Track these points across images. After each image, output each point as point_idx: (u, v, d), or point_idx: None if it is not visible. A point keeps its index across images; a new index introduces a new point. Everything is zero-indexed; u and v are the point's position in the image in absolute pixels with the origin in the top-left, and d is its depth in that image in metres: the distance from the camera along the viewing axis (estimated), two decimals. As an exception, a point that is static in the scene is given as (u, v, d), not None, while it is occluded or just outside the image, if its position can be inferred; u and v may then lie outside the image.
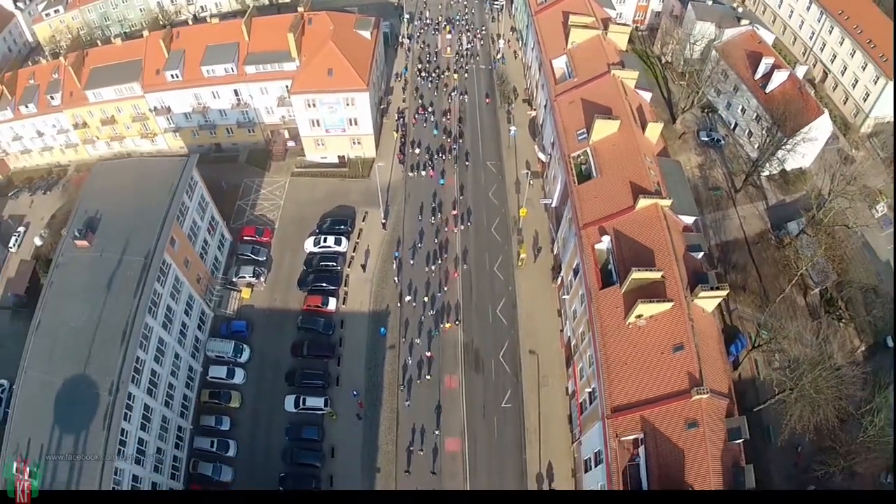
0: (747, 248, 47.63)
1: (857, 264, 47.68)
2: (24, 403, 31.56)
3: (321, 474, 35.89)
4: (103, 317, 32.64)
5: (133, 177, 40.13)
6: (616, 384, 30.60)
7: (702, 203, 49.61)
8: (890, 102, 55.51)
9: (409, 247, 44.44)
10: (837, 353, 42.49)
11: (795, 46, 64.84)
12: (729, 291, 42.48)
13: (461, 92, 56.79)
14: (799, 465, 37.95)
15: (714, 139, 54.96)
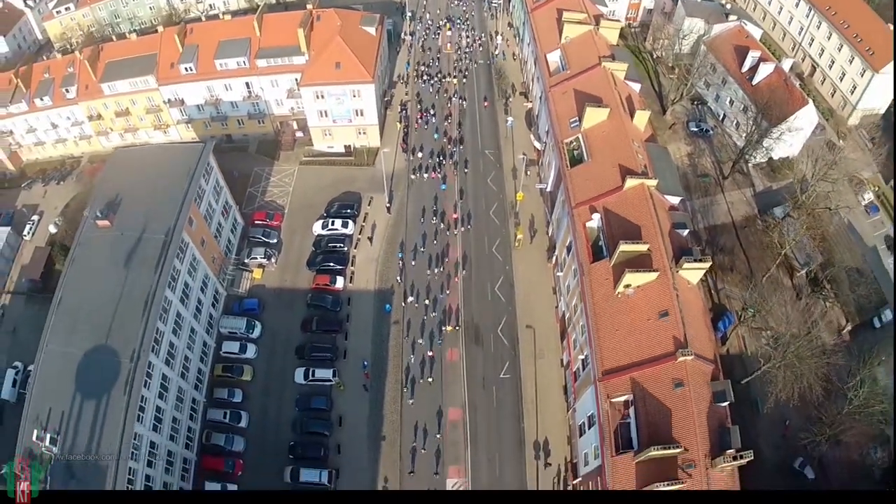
0: (735, 232, 49.49)
1: (843, 248, 49.40)
2: (45, 375, 32.90)
3: (329, 442, 37.57)
4: (125, 291, 34.32)
5: (151, 162, 42.18)
6: (607, 349, 32.40)
7: (691, 189, 51.78)
8: (877, 95, 56.77)
9: (411, 249, 45.08)
10: (824, 332, 44.66)
11: (785, 42, 66.37)
12: (716, 270, 45.75)
13: (460, 96, 57.48)
14: (787, 437, 39.32)
15: (703, 129, 56.77)
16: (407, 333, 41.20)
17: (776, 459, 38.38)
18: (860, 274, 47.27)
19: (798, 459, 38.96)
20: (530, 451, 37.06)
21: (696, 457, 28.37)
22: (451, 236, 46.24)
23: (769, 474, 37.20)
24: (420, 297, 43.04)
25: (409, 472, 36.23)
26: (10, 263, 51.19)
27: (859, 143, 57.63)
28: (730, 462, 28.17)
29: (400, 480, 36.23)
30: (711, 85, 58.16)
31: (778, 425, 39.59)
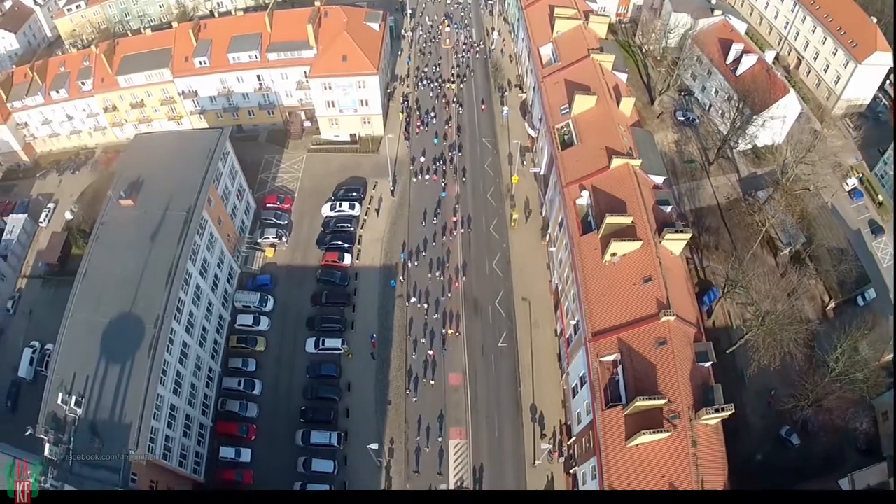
0: (720, 214, 51.50)
1: (826, 230, 51.01)
2: (70, 343, 34.57)
3: (338, 407, 39.59)
4: (148, 263, 36.51)
5: (170, 146, 44.53)
6: (596, 312, 34.62)
7: (678, 174, 53.97)
8: (860, 85, 58.56)
9: (413, 250, 46.21)
10: (808, 307, 46.54)
11: (772, 35, 68.61)
12: (702, 248, 48.03)
13: (459, 103, 58.51)
14: (772, 406, 41.14)
15: (689, 119, 58.96)
16: (409, 331, 41.47)
17: (763, 428, 40.34)
18: (842, 254, 48.96)
19: (784, 428, 40.66)
20: (527, 414, 39.13)
21: (680, 409, 30.37)
22: (451, 240, 46.98)
23: (756, 442, 39.13)
24: (422, 298, 43.58)
25: (416, 437, 37.87)
26: (26, 249, 53.00)
27: (843, 132, 59.44)
28: (712, 415, 29.95)
29: (405, 442, 38.15)
30: (698, 77, 60.37)
31: (764, 395, 41.49)
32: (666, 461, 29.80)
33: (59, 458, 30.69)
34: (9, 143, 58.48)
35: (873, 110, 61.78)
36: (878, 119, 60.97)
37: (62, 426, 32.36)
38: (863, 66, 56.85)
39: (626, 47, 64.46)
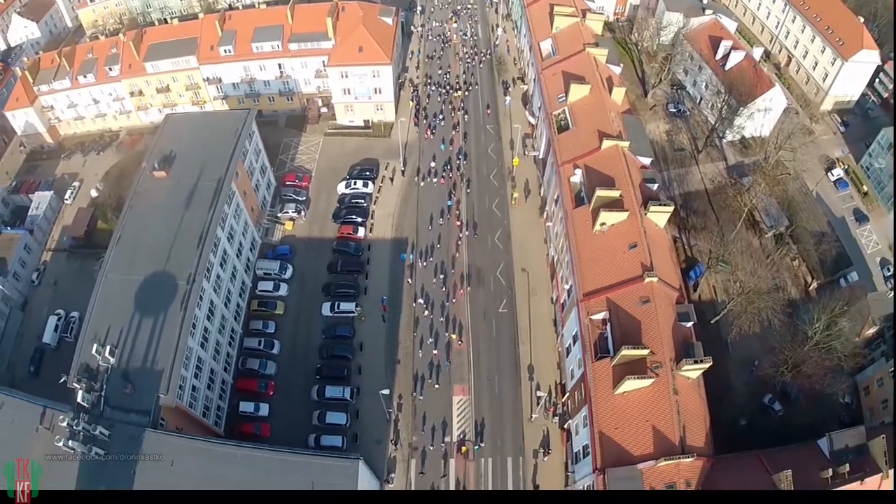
0: (707, 198, 54.39)
1: (809, 215, 53.69)
2: (104, 299, 37.06)
3: (351, 365, 42.50)
4: (181, 228, 39.33)
5: (200, 125, 47.90)
6: (586, 276, 37.77)
7: (668, 161, 57.10)
8: (848, 82, 61.05)
9: (417, 251, 48.02)
10: (791, 288, 49.44)
11: (764, 35, 71.19)
12: (689, 229, 50.81)
13: (465, 110, 60.18)
14: (755, 374, 43.60)
15: (680, 110, 62.15)
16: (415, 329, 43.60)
17: (746, 395, 42.69)
18: (822, 237, 51.50)
19: (767, 395, 43.20)
20: (525, 373, 42.16)
21: (661, 360, 33.36)
22: (457, 243, 48.71)
23: (740, 408, 41.55)
24: (428, 302, 45.34)
25: (420, 395, 41.16)
26: (51, 224, 55.43)
27: (831, 127, 62.52)
28: (692, 366, 32.84)
29: (412, 399, 41.16)
30: (689, 71, 63.55)
31: (747, 364, 44.02)
32: (650, 407, 32.77)
33: (90, 405, 32.91)
34: (34, 125, 61.18)
35: (862, 107, 64.36)
36: (867, 115, 63.58)
37: (95, 375, 34.72)
38: (849, 64, 59.46)
39: (623, 44, 67.52)
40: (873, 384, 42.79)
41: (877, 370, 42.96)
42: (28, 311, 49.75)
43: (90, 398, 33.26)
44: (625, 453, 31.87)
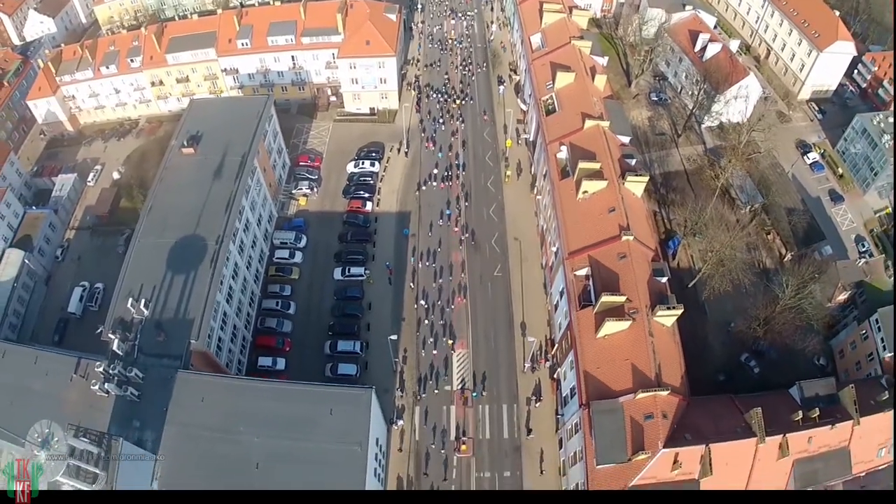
0: (686, 177, 58.71)
1: (784, 193, 57.51)
2: (137, 260, 40.85)
3: (361, 322, 46.55)
4: (209, 197, 43.35)
5: (224, 109, 52.40)
6: (571, 237, 42.00)
7: (650, 144, 61.42)
8: (823, 72, 65.10)
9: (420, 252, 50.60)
10: (767, 260, 53.02)
11: (745, 29, 75.45)
12: (668, 204, 54.79)
13: (462, 119, 62.83)
14: (732, 335, 47.14)
15: (662, 99, 66.60)
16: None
17: (724, 355, 46.28)
18: (792, 213, 55.21)
19: (744, 354, 46.55)
20: (518, 330, 46.24)
21: (638, 306, 37.42)
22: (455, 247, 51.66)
23: (718, 365, 45.21)
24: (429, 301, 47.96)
25: (423, 351, 44.93)
26: (74, 204, 58.82)
27: (808, 115, 66.49)
28: (666, 312, 36.80)
29: (416, 352, 45.07)
30: (670, 63, 68.00)
31: (724, 326, 47.67)
32: (628, 347, 36.67)
33: (125, 353, 36.17)
34: (55, 113, 64.28)
35: (841, 96, 68.39)
36: (846, 104, 67.43)
37: (129, 327, 37.99)
38: (825, 55, 63.43)
39: (609, 38, 72.10)
40: (847, 347, 46.48)
41: (850, 334, 46.63)
42: (52, 286, 53.15)
43: (125, 347, 36.37)
44: (607, 389, 35.63)
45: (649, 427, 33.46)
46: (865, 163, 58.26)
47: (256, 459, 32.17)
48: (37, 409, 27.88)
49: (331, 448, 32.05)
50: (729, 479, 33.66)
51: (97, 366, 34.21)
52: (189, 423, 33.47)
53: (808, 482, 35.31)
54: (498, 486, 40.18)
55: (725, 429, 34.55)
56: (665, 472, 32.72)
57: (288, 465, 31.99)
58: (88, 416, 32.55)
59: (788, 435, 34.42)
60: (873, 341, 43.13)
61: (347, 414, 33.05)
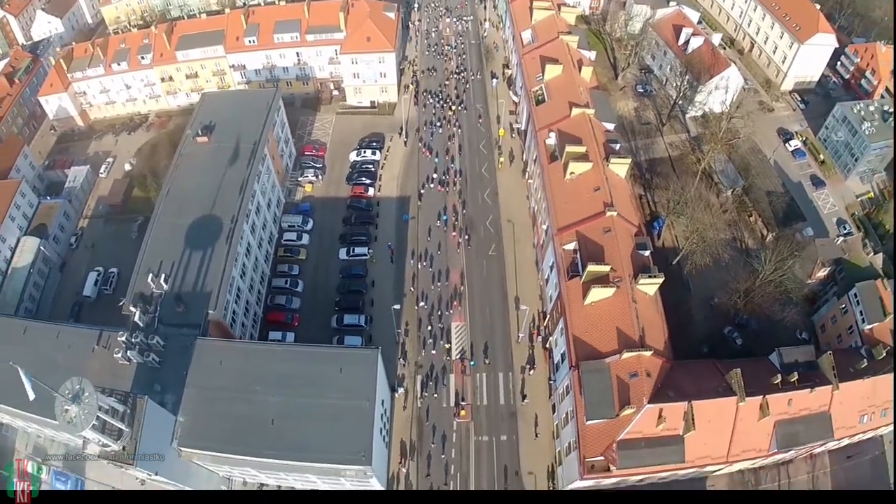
0: (670, 163, 61.70)
1: (765, 178, 60.31)
2: (156, 238, 43.63)
3: (365, 298, 49.35)
4: (224, 180, 46.20)
5: (234, 101, 55.43)
6: (560, 214, 45.01)
7: (635, 132, 64.42)
8: (805, 63, 67.90)
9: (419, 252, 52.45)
10: (749, 240, 55.86)
11: (729, 24, 78.52)
12: (653, 188, 57.72)
13: (458, 125, 64.45)
14: (715, 309, 49.94)
15: (647, 90, 69.65)
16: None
17: (708, 328, 48.79)
18: (777, 195, 58.07)
19: (727, 328, 49.27)
20: (512, 304, 49.01)
21: (622, 275, 40.33)
22: (454, 248, 53.51)
23: (703, 338, 47.81)
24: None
25: (427, 312, 47.96)
26: (87, 195, 61.27)
27: (791, 104, 69.51)
28: (648, 280, 39.82)
29: (418, 324, 47.89)
30: (656, 56, 71.02)
31: (707, 301, 50.53)
32: (614, 313, 39.59)
33: (145, 324, 38.83)
34: (66, 109, 67.05)
35: (824, 87, 71.27)
36: (829, 95, 70.01)
37: (149, 300, 40.72)
38: (806, 47, 66.13)
39: (597, 34, 75.09)
40: (828, 322, 49.09)
41: (830, 309, 49.22)
42: (66, 272, 55.54)
43: (145, 319, 38.96)
44: (595, 351, 38.40)
45: (634, 385, 36.13)
46: (846, 149, 61.18)
47: (272, 416, 34.46)
48: (61, 380, 29.06)
49: (341, 404, 34.48)
50: (712, 437, 36.15)
51: (119, 335, 36.52)
52: (208, 385, 35.70)
53: (790, 443, 37.41)
54: (495, 450, 42.82)
55: (707, 388, 36.95)
56: (651, 427, 35.17)
57: (301, 420, 34.42)
58: (111, 383, 34.53)
59: (768, 396, 36.70)
60: (853, 315, 45.63)
61: (356, 372, 35.60)
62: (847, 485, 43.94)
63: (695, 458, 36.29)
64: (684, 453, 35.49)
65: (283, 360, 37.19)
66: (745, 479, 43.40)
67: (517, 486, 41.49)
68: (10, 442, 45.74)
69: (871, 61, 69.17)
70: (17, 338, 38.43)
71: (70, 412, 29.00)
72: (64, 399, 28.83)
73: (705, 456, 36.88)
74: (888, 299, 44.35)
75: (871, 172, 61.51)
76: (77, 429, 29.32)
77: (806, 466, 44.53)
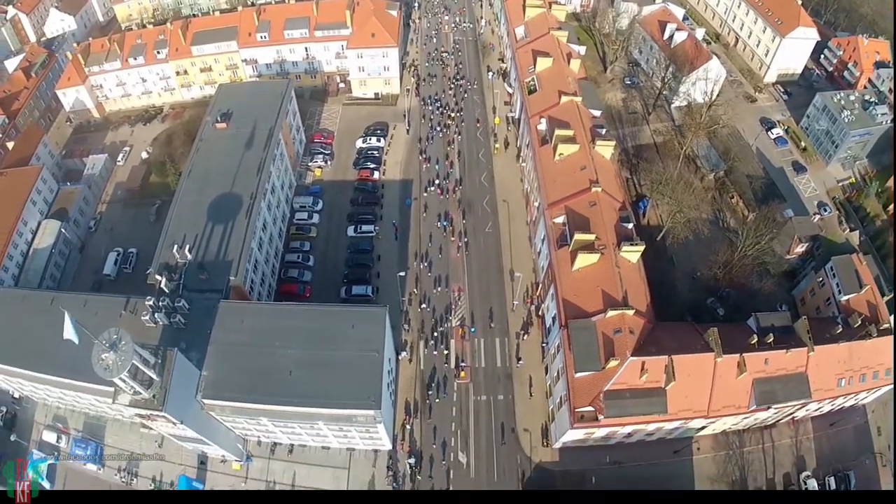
0: (655, 149, 65.78)
1: (747, 162, 64.42)
2: (180, 214, 47.11)
3: (371, 271, 53.32)
4: (242, 162, 50.03)
5: (250, 91, 59.66)
6: (549, 191, 49.11)
7: (623, 121, 68.69)
8: (787, 56, 72.06)
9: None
10: (731, 220, 59.41)
11: (715, 20, 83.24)
12: (639, 172, 61.61)
13: (458, 132, 67.27)
14: (697, 281, 53.43)
15: (634, 82, 74.09)
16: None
17: (691, 300, 52.13)
18: (751, 178, 62.22)
19: (709, 299, 52.65)
20: (507, 275, 53.09)
21: (606, 243, 44.34)
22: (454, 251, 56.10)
23: (686, 308, 51.07)
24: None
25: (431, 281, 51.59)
26: (105, 181, 64.93)
27: (774, 95, 73.81)
28: (630, 247, 43.82)
29: (419, 291, 51.86)
30: (643, 51, 75.33)
31: (690, 275, 54.10)
32: (599, 277, 43.53)
33: (171, 290, 41.85)
34: (83, 101, 70.85)
35: (808, 79, 75.39)
36: (812, 86, 73.64)
37: (174, 269, 43.87)
38: (787, 40, 70.42)
39: (588, 30, 79.45)
40: (807, 295, 52.26)
41: (809, 283, 52.47)
42: (85, 254, 58.79)
43: (170, 285, 41.97)
44: (582, 311, 42.21)
45: (618, 340, 39.71)
46: (827, 137, 65.02)
47: (289, 368, 37.63)
48: (90, 344, 30.49)
49: (353, 355, 37.89)
50: (692, 390, 39.20)
51: (147, 300, 39.62)
52: (230, 342, 38.71)
53: (768, 400, 40.11)
54: (493, 409, 46.48)
55: (686, 345, 40.16)
56: (634, 379, 38.46)
57: (316, 371, 37.56)
58: (139, 343, 36.58)
59: (745, 354, 39.58)
60: (830, 287, 48.76)
61: (366, 328, 39.12)
62: (831, 451, 46.59)
63: (677, 409, 39.30)
64: (666, 404, 38.65)
65: (299, 318, 40.55)
66: (730, 441, 46.16)
67: (513, 443, 45.00)
68: (30, 413, 49.05)
69: (853, 54, 73.39)
70: (45, 307, 40.97)
71: (107, 359, 31.57)
72: (102, 346, 31.50)
73: (687, 408, 39.81)
74: (864, 272, 47.51)
75: (852, 159, 65.54)
76: (113, 373, 31.80)
77: (789, 431, 47.33)
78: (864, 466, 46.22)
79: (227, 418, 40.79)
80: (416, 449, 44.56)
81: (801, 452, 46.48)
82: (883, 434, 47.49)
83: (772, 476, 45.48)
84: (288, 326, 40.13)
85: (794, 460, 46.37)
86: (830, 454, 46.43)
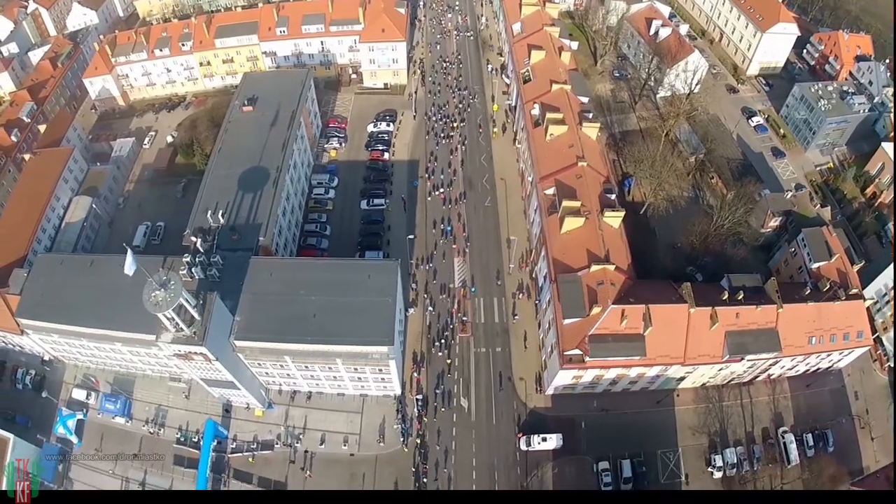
0: (641, 134, 72.24)
1: (727, 147, 70.36)
2: (211, 185, 52.79)
3: (382, 240, 59.67)
4: (268, 140, 56.34)
5: (272, 79, 66.47)
6: (541, 167, 55.43)
7: (611, 109, 75.23)
8: (768, 50, 78.10)
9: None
10: (710, 197, 65.34)
11: (701, 17, 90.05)
12: (624, 156, 67.68)
13: (463, 142, 71.32)
14: (677, 251, 58.92)
15: (623, 75, 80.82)
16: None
17: (673, 267, 56.47)
18: (733, 161, 68.36)
19: (689, 267, 57.17)
20: (504, 244, 59.57)
21: (591, 209, 50.59)
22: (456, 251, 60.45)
23: (668, 276, 54.13)
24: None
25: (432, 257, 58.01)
26: (132, 163, 70.61)
27: (756, 87, 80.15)
28: (611, 213, 49.98)
29: (427, 258, 58.06)
30: (631, 46, 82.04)
31: (671, 246, 59.81)
32: (584, 238, 49.67)
33: (205, 249, 46.30)
34: (109, 90, 76.71)
35: (790, 72, 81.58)
36: (793, 79, 79.07)
37: (207, 232, 48.87)
38: (767, 35, 76.65)
39: (580, 27, 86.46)
40: (782, 265, 57.16)
41: (783, 254, 57.30)
42: (114, 227, 63.85)
43: (205, 246, 46.58)
44: (569, 268, 48.26)
45: (601, 291, 45.72)
46: (805, 125, 70.92)
47: (313, 312, 43.04)
48: (130, 300, 34.16)
49: (369, 300, 43.61)
50: (669, 338, 44.70)
51: (184, 257, 44.36)
52: (260, 291, 44.14)
53: (740, 351, 44.99)
54: (491, 360, 52.46)
55: (663, 297, 46.06)
56: (616, 325, 44.29)
57: (337, 314, 43.07)
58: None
59: (717, 308, 44.96)
60: (801, 256, 53.64)
61: (381, 277, 45.00)
62: (808, 411, 51.07)
63: (655, 355, 44.80)
64: (645, 349, 44.27)
65: (322, 270, 46.76)
66: (710, 395, 51.29)
67: (510, 390, 50.81)
68: (59, 375, 53.74)
69: (833, 48, 79.47)
70: (85, 270, 46.44)
71: (157, 296, 36.32)
72: (153, 285, 36.45)
73: (665, 354, 45.12)
74: (833, 243, 52.73)
75: (831, 145, 71.18)
76: (162, 308, 36.37)
77: (766, 389, 51.83)
78: (842, 426, 50.62)
79: (253, 362, 45.94)
80: (423, 394, 50.25)
81: (778, 410, 50.84)
82: (860, 398, 51.95)
83: (750, 430, 49.94)
84: (311, 277, 45.51)
85: (771, 416, 50.77)
86: (808, 413, 50.84)
